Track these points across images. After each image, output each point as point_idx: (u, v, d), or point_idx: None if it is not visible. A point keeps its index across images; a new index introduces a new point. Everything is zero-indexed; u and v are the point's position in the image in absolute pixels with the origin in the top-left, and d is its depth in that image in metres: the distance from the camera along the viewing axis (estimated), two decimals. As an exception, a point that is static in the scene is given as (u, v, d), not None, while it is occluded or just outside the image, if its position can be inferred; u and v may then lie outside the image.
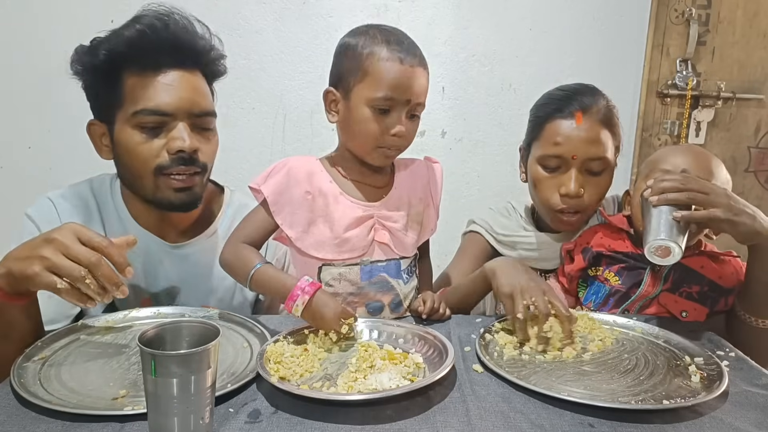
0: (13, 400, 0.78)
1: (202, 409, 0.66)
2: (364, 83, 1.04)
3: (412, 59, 1.04)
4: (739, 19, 2.19)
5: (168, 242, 1.21)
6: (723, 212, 0.98)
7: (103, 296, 0.88)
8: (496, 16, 2.12)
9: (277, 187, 1.07)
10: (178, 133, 1.09)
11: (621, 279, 1.20)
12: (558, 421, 0.75)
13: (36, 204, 1.16)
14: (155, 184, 1.11)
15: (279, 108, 2.11)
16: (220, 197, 1.31)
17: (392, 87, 1.03)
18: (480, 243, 1.43)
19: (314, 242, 1.08)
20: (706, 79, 2.23)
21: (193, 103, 1.11)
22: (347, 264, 1.10)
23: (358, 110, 1.05)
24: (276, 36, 2.07)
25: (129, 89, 1.08)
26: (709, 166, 1.14)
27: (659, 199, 1.02)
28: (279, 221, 1.07)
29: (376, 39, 1.05)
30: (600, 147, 1.23)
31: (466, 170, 2.22)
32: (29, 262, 0.85)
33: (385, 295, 1.12)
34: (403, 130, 1.05)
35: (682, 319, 1.14)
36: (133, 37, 1.07)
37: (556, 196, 1.26)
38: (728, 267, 1.17)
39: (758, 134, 2.29)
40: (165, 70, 1.09)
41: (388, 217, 1.12)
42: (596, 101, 1.25)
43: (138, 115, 1.07)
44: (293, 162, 1.11)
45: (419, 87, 1.05)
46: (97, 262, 0.86)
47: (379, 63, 1.03)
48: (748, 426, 0.75)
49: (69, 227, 0.88)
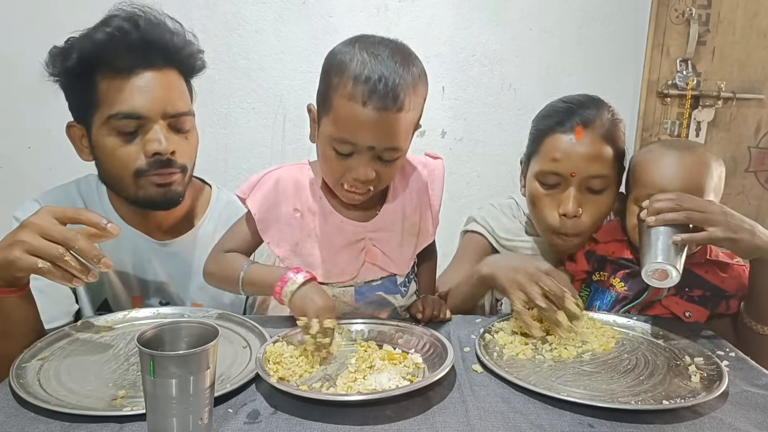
0: (12, 401, 0.78)
1: (201, 409, 0.66)
2: (329, 118, 0.93)
3: (380, 101, 0.88)
4: (739, 18, 2.19)
5: (156, 240, 1.21)
6: (722, 231, 0.97)
7: (86, 273, 0.89)
8: (496, 16, 2.12)
9: (264, 203, 1.02)
10: (154, 135, 1.07)
11: (627, 285, 1.18)
12: (558, 422, 0.75)
13: (23, 206, 1.16)
14: (136, 185, 1.11)
15: (279, 108, 2.11)
16: (207, 195, 1.30)
17: (350, 131, 0.91)
18: (481, 245, 1.38)
19: (303, 263, 1.03)
20: (706, 79, 2.23)
21: (168, 104, 1.09)
22: (340, 286, 1.06)
23: (322, 143, 0.96)
24: (276, 36, 2.07)
25: (103, 92, 1.06)
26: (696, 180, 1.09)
27: (656, 219, 1.00)
28: (266, 239, 1.04)
29: (352, 63, 0.90)
30: (601, 164, 1.16)
31: (466, 170, 2.22)
32: (9, 248, 0.87)
33: (382, 312, 1.10)
34: (366, 175, 0.94)
35: (686, 320, 1.14)
36: (102, 40, 1.04)
37: (554, 215, 1.20)
38: (731, 271, 1.17)
39: (758, 134, 2.29)
40: (138, 72, 1.06)
41: (380, 239, 1.06)
42: (599, 115, 1.18)
43: (113, 119, 1.06)
44: (282, 173, 1.05)
45: (388, 133, 0.91)
46: (73, 237, 0.87)
47: (340, 100, 0.90)
48: (748, 426, 0.75)
49: (45, 209, 0.90)
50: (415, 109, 0.95)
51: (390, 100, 0.88)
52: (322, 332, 0.88)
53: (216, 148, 2.07)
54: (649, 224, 1.01)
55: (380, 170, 0.96)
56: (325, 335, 0.88)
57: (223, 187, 1.34)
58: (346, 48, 0.94)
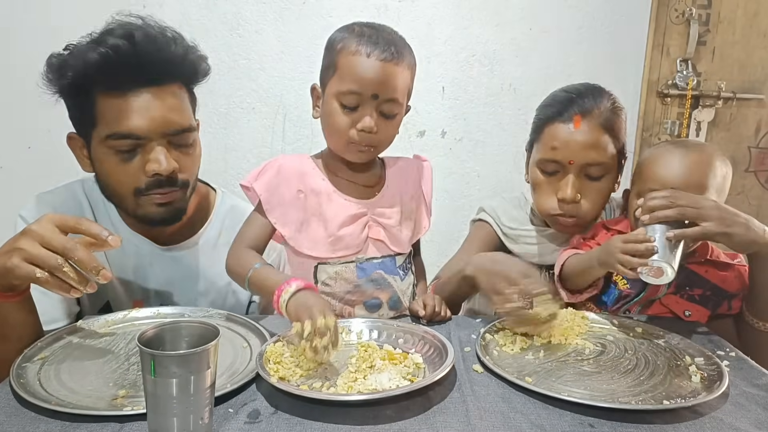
0: (13, 401, 0.78)
1: (202, 409, 0.66)
2: (335, 77, 1.05)
3: (382, 53, 1.02)
4: (740, 18, 2.19)
5: (158, 245, 1.20)
6: (716, 225, 0.98)
7: (84, 284, 0.87)
8: (496, 16, 2.12)
9: (268, 186, 1.07)
10: (154, 155, 1.06)
11: (630, 283, 1.19)
12: (558, 422, 0.75)
13: (28, 204, 1.16)
14: (136, 203, 1.10)
15: (279, 108, 2.11)
16: (212, 199, 1.30)
17: (356, 81, 1.02)
18: (488, 233, 1.41)
19: (308, 241, 1.08)
20: (706, 79, 2.23)
21: (168, 123, 1.07)
22: (342, 262, 1.10)
23: (329, 104, 1.06)
24: (276, 36, 2.07)
25: (101, 110, 1.05)
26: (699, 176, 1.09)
27: (651, 217, 1.02)
28: (272, 219, 1.07)
29: (353, 33, 1.05)
30: (599, 152, 1.19)
31: (466, 170, 2.22)
32: (8, 255, 0.86)
33: (382, 293, 1.12)
34: (370, 125, 1.03)
35: (685, 319, 1.14)
36: (96, 60, 1.02)
37: (553, 200, 1.24)
38: (732, 271, 1.17)
39: (758, 134, 2.29)
40: (135, 91, 1.04)
41: (382, 214, 1.12)
42: (598, 104, 1.21)
43: (110, 139, 1.05)
44: (284, 160, 1.11)
45: (389, 83, 1.03)
46: (72, 247, 0.86)
47: (347, 57, 1.03)
48: (748, 426, 0.75)
49: (46, 217, 0.89)
50: (409, 70, 1.08)
51: (389, 54, 1.03)
52: (318, 333, 0.84)
53: (216, 148, 2.07)
54: (644, 222, 1.03)
55: (381, 125, 1.05)
56: (321, 335, 0.84)
57: (227, 192, 1.33)
58: (345, 28, 1.08)
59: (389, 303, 1.13)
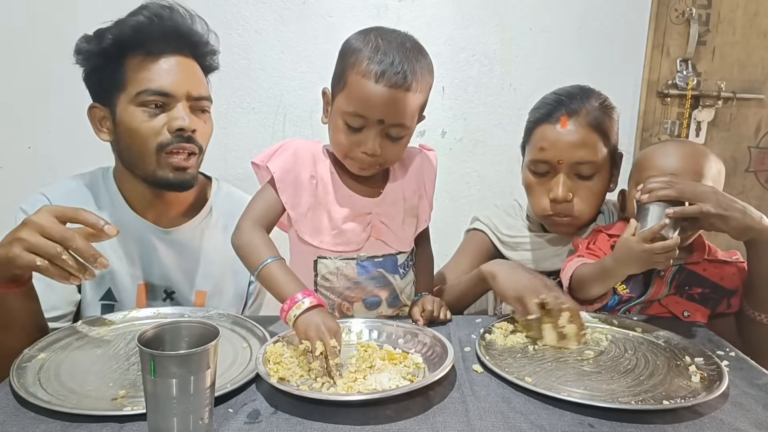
0: (13, 401, 0.78)
1: (202, 409, 0.66)
2: (343, 94, 1.02)
3: (392, 77, 0.97)
4: (740, 18, 2.19)
5: (161, 227, 1.24)
6: (713, 206, 1.00)
7: (83, 272, 0.92)
8: (496, 16, 2.12)
9: (283, 166, 1.07)
10: (178, 113, 1.15)
11: (628, 287, 1.19)
12: (558, 422, 0.75)
13: (30, 199, 1.19)
14: (157, 161, 1.16)
15: (279, 108, 2.10)
16: (209, 186, 1.37)
17: (363, 105, 0.99)
18: (483, 242, 1.42)
19: (312, 228, 1.08)
20: (706, 79, 2.23)
21: (192, 87, 1.17)
22: (344, 258, 1.09)
23: (335, 119, 1.04)
24: (276, 36, 2.07)
25: (132, 72, 1.14)
26: (696, 164, 1.12)
27: (650, 196, 1.03)
28: (283, 199, 1.06)
29: (367, 47, 1.00)
30: (587, 150, 1.20)
31: (466, 170, 2.22)
32: (9, 245, 0.90)
33: (382, 290, 1.12)
34: (373, 149, 1.02)
35: (684, 319, 1.14)
36: (140, 23, 1.13)
37: (546, 201, 1.25)
38: (730, 268, 1.18)
39: (758, 134, 2.29)
40: (166, 56, 1.15)
41: (385, 213, 1.12)
42: (586, 104, 1.22)
43: (141, 95, 1.13)
44: (299, 143, 1.11)
45: (397, 110, 1.00)
46: (71, 236, 0.90)
47: (356, 77, 0.99)
48: (748, 426, 0.75)
49: (45, 209, 0.93)
50: (421, 92, 1.03)
51: (399, 80, 0.98)
52: (330, 353, 0.85)
53: (216, 148, 2.05)
54: (643, 201, 1.04)
55: (387, 147, 1.04)
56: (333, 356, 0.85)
57: (221, 180, 1.39)
58: (362, 35, 1.03)
59: (388, 300, 1.13)
